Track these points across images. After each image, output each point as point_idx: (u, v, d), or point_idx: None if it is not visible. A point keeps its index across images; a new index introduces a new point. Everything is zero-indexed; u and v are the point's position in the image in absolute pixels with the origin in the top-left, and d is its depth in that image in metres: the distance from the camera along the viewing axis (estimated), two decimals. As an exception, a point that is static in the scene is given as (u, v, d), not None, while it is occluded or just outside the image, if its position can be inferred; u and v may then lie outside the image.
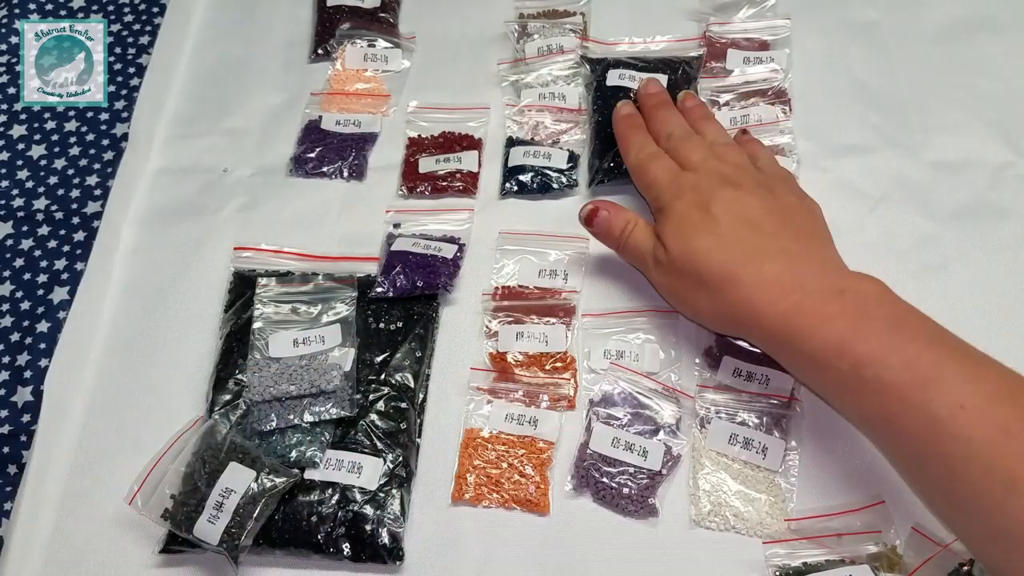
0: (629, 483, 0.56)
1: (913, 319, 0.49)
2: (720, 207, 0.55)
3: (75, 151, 0.77)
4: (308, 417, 0.57)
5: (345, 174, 0.71)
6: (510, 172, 0.69)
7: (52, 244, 0.71)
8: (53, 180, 0.75)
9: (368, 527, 0.54)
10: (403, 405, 0.59)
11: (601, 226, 0.61)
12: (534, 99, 0.73)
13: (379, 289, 0.63)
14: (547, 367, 0.61)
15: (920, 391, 0.45)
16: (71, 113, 0.79)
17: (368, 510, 0.54)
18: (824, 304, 0.49)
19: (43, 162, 0.76)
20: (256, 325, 0.61)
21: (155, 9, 0.85)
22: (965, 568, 0.50)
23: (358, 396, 0.59)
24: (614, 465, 0.56)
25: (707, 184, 0.57)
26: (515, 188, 0.69)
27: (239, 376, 0.60)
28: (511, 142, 0.71)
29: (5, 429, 0.63)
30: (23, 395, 0.65)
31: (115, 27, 0.84)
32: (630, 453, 0.56)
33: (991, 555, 0.45)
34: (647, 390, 0.59)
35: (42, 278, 0.70)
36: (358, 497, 0.55)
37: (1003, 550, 0.44)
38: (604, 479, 0.56)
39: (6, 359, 0.66)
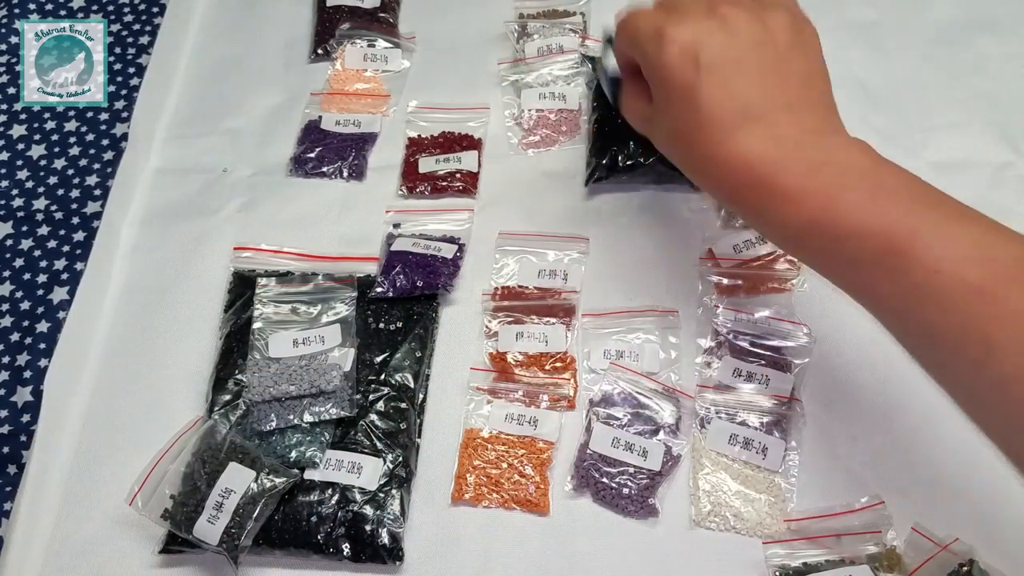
0: (629, 483, 0.56)
1: (892, 183, 0.47)
2: (708, 59, 0.49)
3: (75, 151, 0.77)
4: (308, 417, 0.57)
5: (345, 174, 0.71)
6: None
7: (52, 244, 0.71)
8: (53, 180, 0.75)
9: (368, 527, 0.54)
10: (403, 405, 0.59)
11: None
12: (534, 99, 0.73)
13: (379, 289, 0.63)
14: (547, 367, 0.61)
15: (897, 259, 0.44)
16: (71, 113, 0.79)
17: (368, 510, 0.54)
18: (802, 179, 0.48)
19: (43, 162, 0.76)
20: (256, 325, 0.61)
21: (155, 9, 0.85)
22: (965, 568, 0.50)
23: (358, 396, 0.59)
24: (614, 465, 0.56)
25: (693, 30, 0.50)
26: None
27: (239, 376, 0.60)
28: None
29: (5, 429, 0.63)
30: (23, 395, 0.65)
31: (115, 27, 0.84)
32: (630, 453, 0.56)
33: (978, 416, 0.45)
34: (647, 390, 0.59)
35: (42, 278, 0.70)
36: (358, 497, 0.55)
37: (986, 411, 0.44)
38: (604, 479, 0.56)
39: (6, 359, 0.66)
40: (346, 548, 0.54)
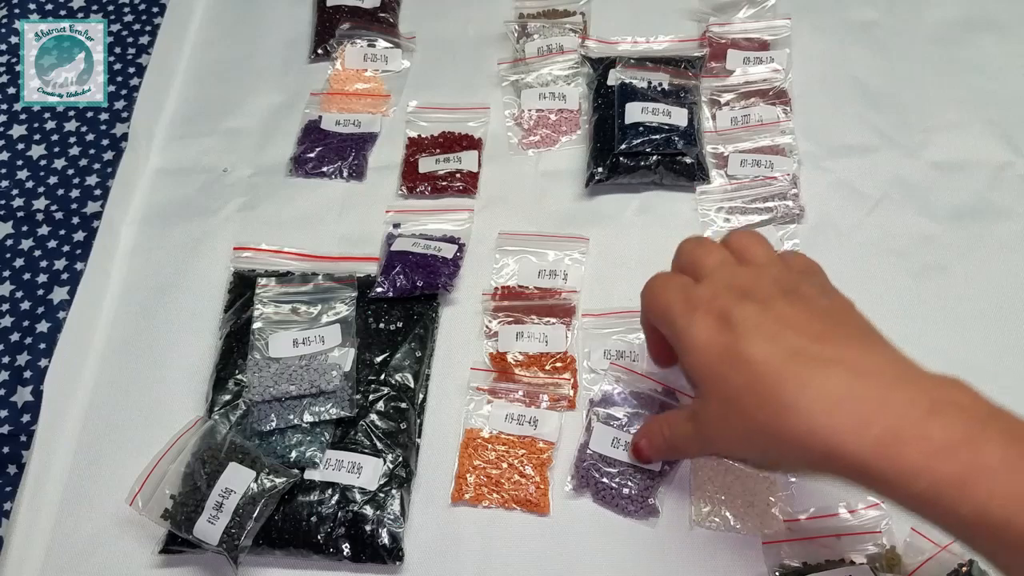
0: (629, 483, 0.56)
1: (1018, 430, 0.39)
2: (746, 323, 0.44)
3: (75, 151, 0.77)
4: (308, 417, 0.57)
5: (345, 174, 0.71)
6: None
7: (52, 244, 0.71)
8: (53, 180, 0.75)
9: (368, 527, 0.54)
10: (403, 405, 0.59)
11: (646, 452, 0.55)
12: (534, 99, 0.73)
13: (379, 289, 0.63)
14: (547, 367, 0.61)
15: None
16: (71, 113, 0.79)
17: (368, 510, 0.54)
18: (923, 427, 0.39)
19: (43, 162, 0.76)
20: (256, 325, 0.61)
21: (155, 9, 0.85)
22: (964, 568, 0.50)
23: (358, 396, 0.59)
24: (614, 465, 0.56)
25: (723, 299, 0.46)
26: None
27: (239, 376, 0.60)
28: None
29: (5, 429, 0.63)
30: (23, 395, 0.65)
31: (115, 27, 0.84)
32: (630, 453, 0.56)
33: None
34: (647, 390, 0.59)
35: (42, 278, 0.70)
36: (358, 497, 0.55)
37: None
38: (604, 479, 0.56)
39: (6, 359, 0.66)
40: (346, 548, 0.54)
